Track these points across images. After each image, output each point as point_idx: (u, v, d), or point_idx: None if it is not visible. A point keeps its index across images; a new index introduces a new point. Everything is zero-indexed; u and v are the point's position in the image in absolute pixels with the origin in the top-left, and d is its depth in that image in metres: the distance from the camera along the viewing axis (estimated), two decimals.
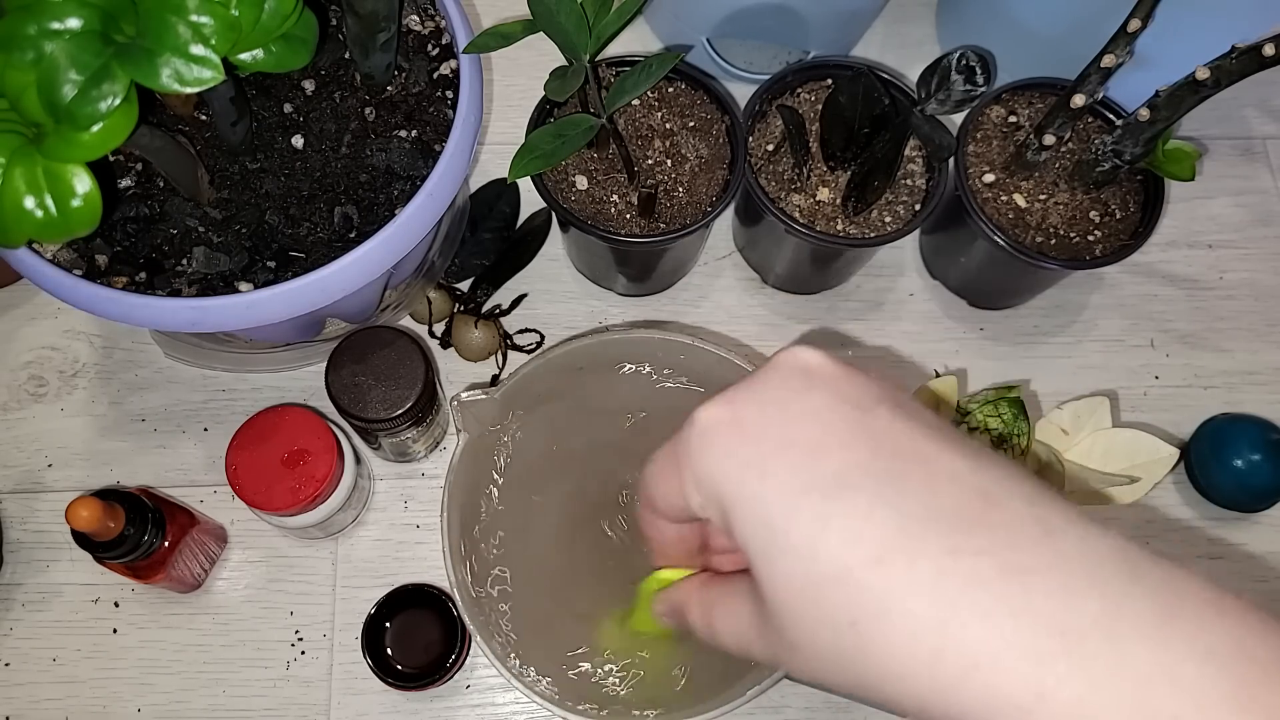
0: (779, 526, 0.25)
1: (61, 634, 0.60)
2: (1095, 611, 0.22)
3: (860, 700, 0.40)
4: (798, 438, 0.26)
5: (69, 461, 0.63)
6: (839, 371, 0.28)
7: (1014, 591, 0.23)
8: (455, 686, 0.60)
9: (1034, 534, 0.23)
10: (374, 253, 0.50)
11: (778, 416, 0.27)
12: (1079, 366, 0.69)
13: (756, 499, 0.26)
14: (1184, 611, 0.22)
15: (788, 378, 0.28)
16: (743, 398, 0.28)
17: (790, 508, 0.25)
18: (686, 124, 0.62)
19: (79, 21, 0.39)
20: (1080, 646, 0.22)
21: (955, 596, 0.23)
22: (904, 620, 0.23)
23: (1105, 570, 0.23)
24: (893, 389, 0.28)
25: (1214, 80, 0.52)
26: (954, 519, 0.24)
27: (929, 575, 0.23)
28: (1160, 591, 0.23)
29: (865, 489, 0.24)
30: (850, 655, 0.24)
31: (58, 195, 0.40)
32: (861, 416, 0.26)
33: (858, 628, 0.24)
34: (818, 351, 0.28)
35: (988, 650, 0.22)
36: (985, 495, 0.24)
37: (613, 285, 0.69)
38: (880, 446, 0.25)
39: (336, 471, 0.54)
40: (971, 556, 0.23)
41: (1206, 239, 0.74)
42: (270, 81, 0.55)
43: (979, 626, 0.22)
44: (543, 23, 0.51)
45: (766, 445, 0.26)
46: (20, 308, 0.66)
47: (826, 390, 0.27)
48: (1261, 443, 0.63)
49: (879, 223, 0.61)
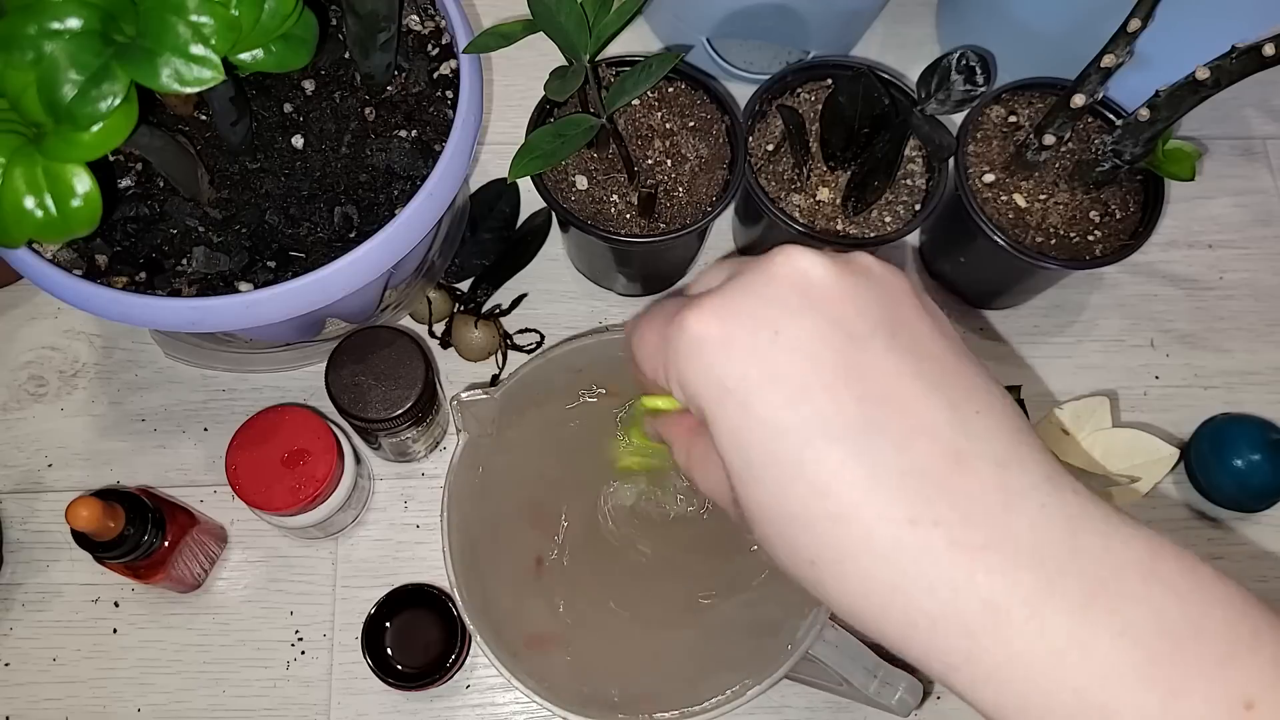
0: (754, 457, 0.26)
1: (61, 634, 0.60)
2: (1029, 587, 0.24)
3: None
4: (784, 372, 0.26)
5: (69, 461, 0.63)
6: (838, 290, 0.27)
7: (959, 566, 0.24)
8: (455, 686, 0.60)
9: (991, 506, 0.25)
10: (374, 253, 0.50)
11: (767, 344, 0.26)
12: (1079, 366, 0.69)
13: (735, 430, 0.26)
14: (1113, 585, 0.24)
15: (784, 293, 0.27)
16: (734, 311, 0.27)
17: (767, 444, 0.26)
18: (686, 124, 0.62)
19: (79, 21, 0.39)
20: (1007, 622, 0.24)
21: (906, 564, 0.24)
22: (856, 570, 0.25)
23: (1049, 547, 0.24)
24: (894, 306, 0.27)
25: (1214, 80, 0.52)
26: (922, 480, 0.25)
27: (885, 539, 0.24)
28: (1095, 566, 0.24)
29: (840, 441, 0.25)
30: (808, 580, 0.26)
31: (58, 195, 0.40)
32: (853, 351, 0.26)
33: (816, 566, 0.26)
34: (820, 259, 0.27)
35: (926, 617, 0.24)
36: (956, 455, 0.25)
37: (613, 285, 0.69)
38: (866, 392, 0.25)
39: (336, 471, 0.54)
40: (928, 527, 0.24)
41: (1206, 239, 0.74)
42: (270, 81, 0.55)
43: (922, 596, 0.24)
44: (543, 23, 0.51)
45: (752, 374, 0.26)
46: (20, 308, 0.66)
47: (821, 315, 0.26)
48: (1261, 443, 0.63)
49: (879, 223, 0.61)
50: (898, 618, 0.25)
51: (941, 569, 0.24)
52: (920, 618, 0.24)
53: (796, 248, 0.28)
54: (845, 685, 0.50)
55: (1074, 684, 0.23)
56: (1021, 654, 0.23)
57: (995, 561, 0.24)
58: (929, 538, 0.24)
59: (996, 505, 0.25)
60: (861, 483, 0.25)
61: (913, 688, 0.49)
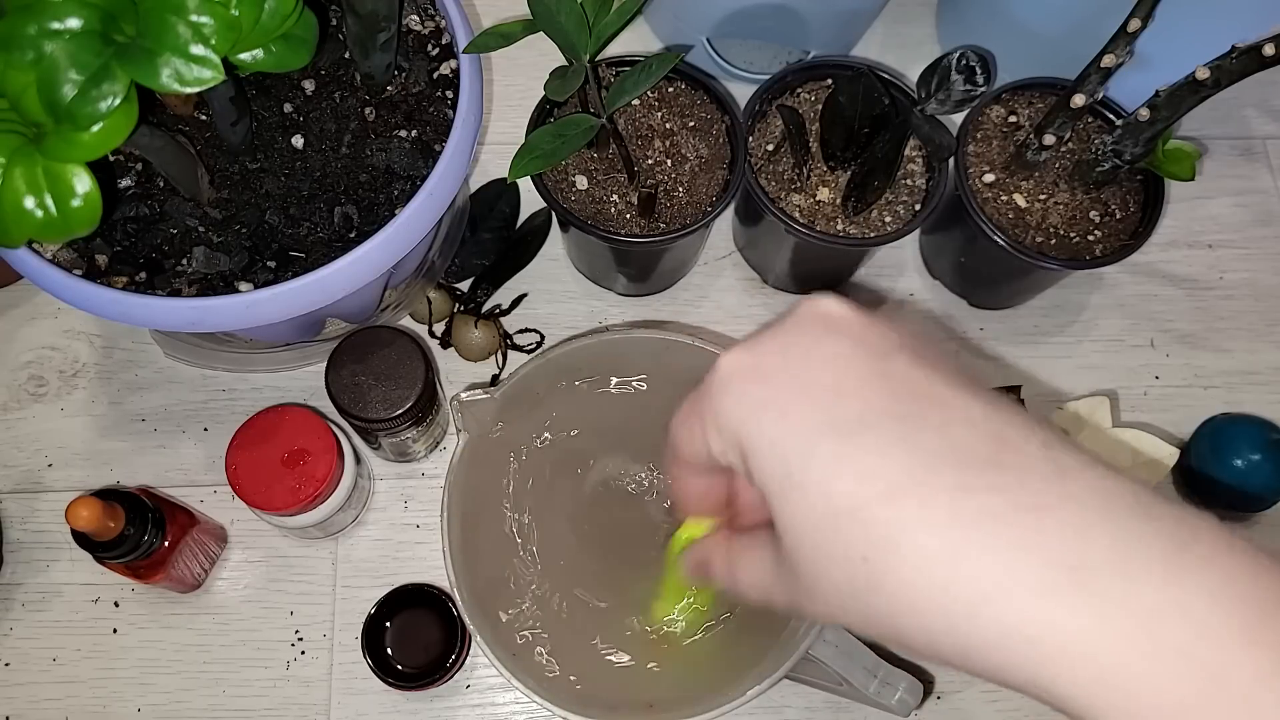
0: (795, 464, 0.26)
1: (61, 634, 0.60)
2: (1105, 547, 0.22)
3: (875, 640, 0.40)
4: (816, 381, 0.26)
5: (69, 461, 0.63)
6: (859, 320, 0.28)
7: (1025, 527, 0.23)
8: (455, 686, 0.60)
9: (1047, 473, 0.24)
10: (374, 253, 0.50)
11: (799, 363, 0.27)
12: (1079, 366, 0.69)
13: (774, 438, 0.26)
14: (1195, 549, 0.23)
15: (809, 325, 0.28)
16: (764, 344, 0.28)
17: (806, 446, 0.25)
18: (686, 124, 0.62)
19: (79, 21, 0.39)
20: (1090, 581, 0.22)
21: (966, 531, 0.23)
22: (915, 554, 0.24)
23: (1118, 508, 0.23)
24: (913, 337, 0.28)
25: (1214, 80, 0.52)
26: (968, 458, 0.24)
27: (941, 511, 0.23)
28: (1172, 529, 0.23)
29: (881, 429, 0.25)
30: (862, 591, 0.25)
31: (58, 195, 0.40)
32: (880, 363, 0.27)
33: (870, 563, 0.24)
34: (839, 300, 0.29)
35: (997, 584, 0.23)
36: (1000, 438, 0.25)
37: (613, 285, 0.69)
38: (898, 391, 0.26)
39: (336, 471, 0.54)
40: (984, 493, 0.23)
41: (1206, 239, 0.74)
42: (270, 81, 0.55)
43: (989, 561, 0.23)
44: (543, 23, 0.51)
45: (785, 388, 0.26)
46: (20, 308, 0.66)
47: (846, 337, 0.27)
48: (1261, 443, 0.63)
49: (879, 223, 0.61)
50: (962, 597, 0.23)
51: (1005, 530, 0.23)
52: (991, 589, 0.23)
53: (817, 295, 0.29)
54: (845, 685, 0.50)
55: (1177, 644, 0.21)
56: (1113, 615, 0.22)
57: (1064, 518, 0.23)
58: (987, 503, 0.23)
59: (1051, 474, 0.24)
60: (906, 460, 0.24)
61: (913, 688, 0.49)
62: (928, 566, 0.23)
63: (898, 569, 0.24)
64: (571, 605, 0.53)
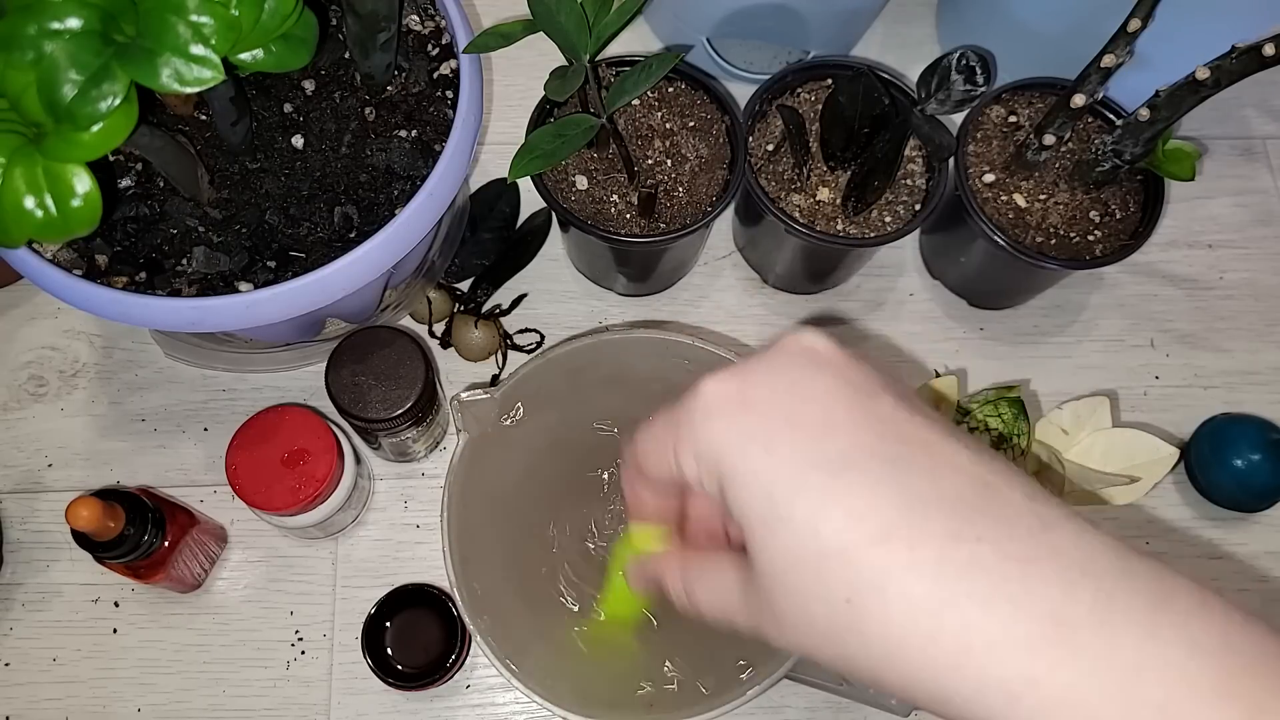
0: (781, 500, 0.25)
1: (61, 634, 0.60)
2: (1089, 601, 0.23)
3: (845, 676, 0.39)
4: (805, 417, 0.26)
5: (69, 461, 0.63)
6: (844, 358, 0.28)
7: (1012, 580, 0.23)
8: (455, 686, 0.60)
9: (1032, 525, 0.24)
10: (374, 253, 0.50)
11: (785, 395, 0.27)
12: (1079, 366, 0.69)
13: (759, 473, 0.26)
14: (1173, 605, 0.23)
15: (795, 359, 0.28)
16: (750, 375, 0.28)
17: (794, 483, 0.25)
18: (686, 124, 0.62)
19: (79, 21, 0.39)
20: (1073, 635, 0.22)
21: (954, 581, 0.23)
22: (901, 600, 0.24)
23: (1099, 564, 0.24)
24: (895, 380, 0.28)
25: (1214, 80, 0.52)
26: (956, 504, 0.24)
27: (930, 558, 0.24)
28: (1150, 585, 0.23)
29: (870, 470, 0.25)
30: (842, 632, 0.25)
31: (58, 195, 0.40)
32: (867, 402, 0.27)
33: (853, 605, 0.24)
34: (823, 336, 0.29)
35: (983, 636, 0.23)
36: (986, 485, 0.25)
37: (613, 285, 0.69)
38: (886, 431, 0.26)
39: (336, 471, 0.54)
40: (972, 543, 0.24)
41: (1206, 239, 0.74)
42: (270, 81, 0.55)
43: (976, 612, 0.23)
44: (543, 23, 0.51)
45: (773, 421, 0.26)
46: (20, 308, 0.66)
47: (833, 375, 0.27)
48: (1261, 443, 0.63)
49: (879, 223, 0.61)
50: (946, 648, 0.23)
51: (993, 582, 0.23)
52: (976, 641, 0.23)
53: (803, 329, 0.29)
54: (845, 685, 0.50)
55: (1155, 700, 0.22)
56: (1094, 671, 0.22)
57: (1050, 572, 0.23)
58: (975, 552, 0.23)
59: (1036, 526, 0.24)
60: (896, 504, 0.24)
61: None
62: (914, 614, 0.23)
63: (882, 614, 0.24)
64: (569, 604, 0.53)
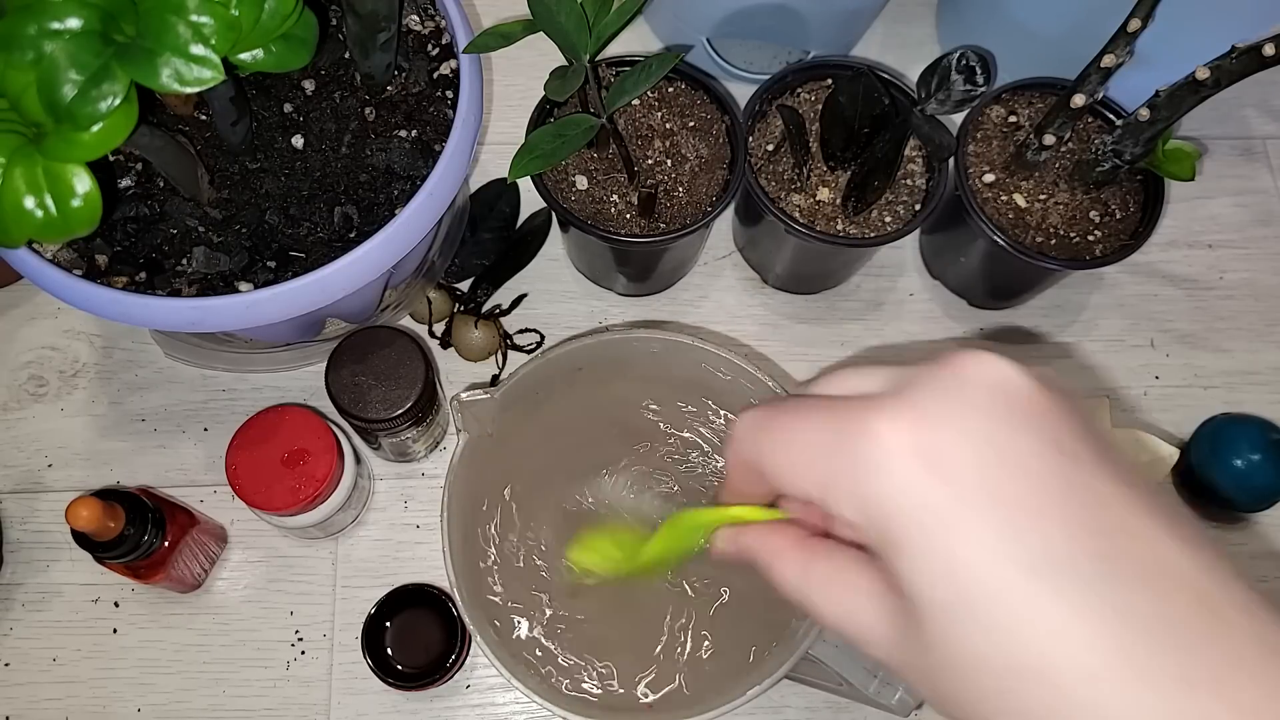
0: (973, 595, 0.23)
1: (61, 634, 0.60)
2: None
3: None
4: (1009, 494, 0.23)
5: (69, 461, 0.63)
6: (1043, 402, 0.24)
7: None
8: (455, 686, 0.60)
9: (1256, 658, 0.21)
10: (374, 253, 0.50)
11: (982, 459, 0.23)
12: (1079, 366, 0.69)
13: (947, 556, 0.23)
14: None
15: (986, 399, 0.24)
16: (934, 421, 0.24)
17: (989, 580, 0.22)
18: (686, 124, 0.62)
19: (79, 21, 0.39)
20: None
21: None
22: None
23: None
24: (1088, 421, 0.25)
25: (1214, 80, 0.52)
26: (1184, 634, 0.21)
27: (1153, 706, 0.21)
28: None
29: (1082, 572, 0.22)
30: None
31: (58, 195, 0.40)
32: (1070, 469, 0.23)
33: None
34: (1014, 366, 0.25)
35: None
36: (1205, 601, 0.22)
37: (613, 285, 0.69)
38: (1091, 517, 0.23)
39: (336, 471, 0.54)
40: (1205, 690, 0.21)
41: (1206, 239, 0.74)
42: (270, 81, 0.55)
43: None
44: (543, 23, 0.51)
45: (967, 496, 0.23)
46: (20, 308, 0.66)
47: (1034, 432, 0.24)
48: (1261, 443, 0.63)
49: (879, 223, 0.61)
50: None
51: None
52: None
53: (981, 351, 0.25)
54: (845, 685, 0.50)
55: None
56: None
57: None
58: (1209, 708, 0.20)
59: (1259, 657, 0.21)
60: (1114, 630, 0.21)
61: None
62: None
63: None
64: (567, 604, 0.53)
